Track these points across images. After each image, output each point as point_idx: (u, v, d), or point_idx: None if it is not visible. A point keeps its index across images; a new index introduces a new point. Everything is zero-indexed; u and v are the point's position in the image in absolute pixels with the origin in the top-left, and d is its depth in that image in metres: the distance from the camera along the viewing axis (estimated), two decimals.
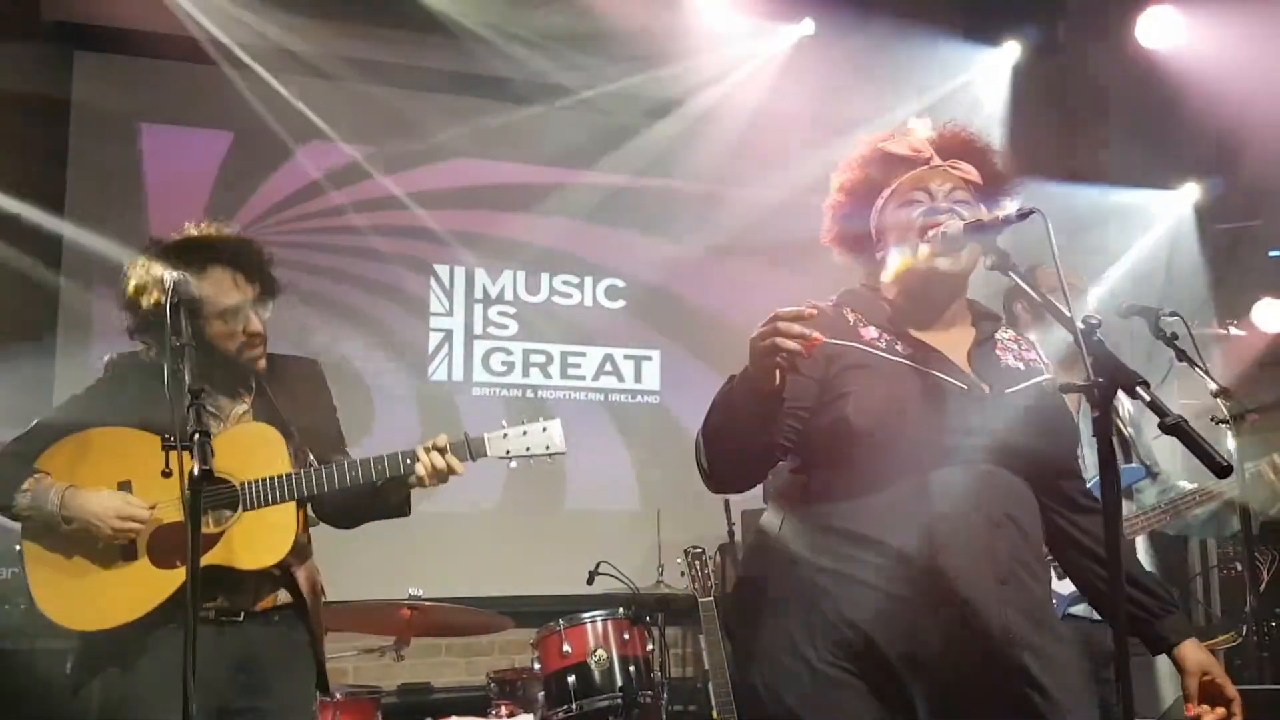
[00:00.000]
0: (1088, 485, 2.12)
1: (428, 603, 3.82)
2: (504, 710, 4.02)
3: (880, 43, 5.42)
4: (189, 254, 2.56)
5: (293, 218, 5.25)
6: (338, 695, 3.82)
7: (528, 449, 2.66)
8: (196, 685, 2.30)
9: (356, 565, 4.66)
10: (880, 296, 2.07)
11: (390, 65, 5.36)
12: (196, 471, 2.04)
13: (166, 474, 2.07)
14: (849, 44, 5.42)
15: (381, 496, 2.65)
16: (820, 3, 5.47)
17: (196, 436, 2.04)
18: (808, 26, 5.50)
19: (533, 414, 2.72)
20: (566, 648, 4.03)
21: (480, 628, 4.42)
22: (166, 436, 2.11)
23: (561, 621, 4.11)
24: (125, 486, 2.53)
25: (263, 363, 2.65)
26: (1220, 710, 2.00)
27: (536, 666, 4.11)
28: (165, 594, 2.46)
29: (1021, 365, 2.07)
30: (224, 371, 2.60)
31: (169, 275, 2.39)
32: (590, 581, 4.36)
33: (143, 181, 5.07)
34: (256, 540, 2.51)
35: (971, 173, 2.06)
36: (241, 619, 2.54)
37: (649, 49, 5.34)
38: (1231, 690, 2.00)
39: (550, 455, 2.68)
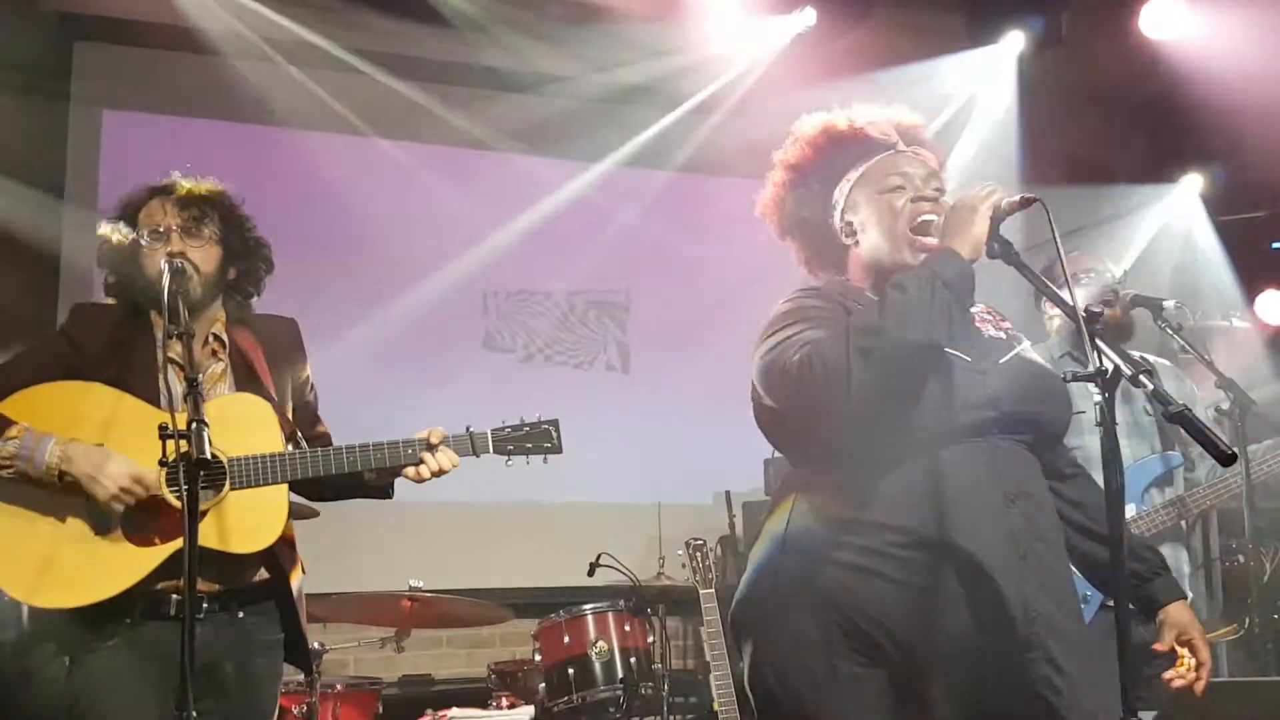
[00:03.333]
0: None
1: (428, 594, 3.83)
2: (505, 701, 4.03)
3: (882, 34, 5.39)
4: (143, 195, 2.50)
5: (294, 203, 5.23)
6: (338, 686, 3.83)
7: (528, 446, 2.69)
8: (153, 686, 2.24)
9: (357, 557, 4.67)
10: (859, 288, 2.04)
11: (392, 56, 5.34)
12: (194, 457, 1.98)
13: (164, 463, 2.04)
14: (851, 36, 5.40)
15: (365, 479, 2.56)
16: None
17: (194, 425, 2.00)
18: (809, 17, 5.47)
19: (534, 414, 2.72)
20: (567, 639, 4.03)
21: (481, 619, 4.42)
22: (164, 426, 2.05)
23: (562, 613, 4.12)
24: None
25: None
26: (1191, 673, 2.01)
27: (537, 658, 4.11)
28: (142, 573, 2.27)
29: (1002, 335, 2.06)
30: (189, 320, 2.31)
31: (168, 262, 2.31)
32: (591, 573, 4.36)
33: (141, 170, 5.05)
34: (246, 521, 2.33)
35: (933, 160, 2.07)
36: (202, 616, 2.31)
37: (649, 40, 5.31)
38: (1204, 655, 2.01)
39: (545, 456, 2.73)
